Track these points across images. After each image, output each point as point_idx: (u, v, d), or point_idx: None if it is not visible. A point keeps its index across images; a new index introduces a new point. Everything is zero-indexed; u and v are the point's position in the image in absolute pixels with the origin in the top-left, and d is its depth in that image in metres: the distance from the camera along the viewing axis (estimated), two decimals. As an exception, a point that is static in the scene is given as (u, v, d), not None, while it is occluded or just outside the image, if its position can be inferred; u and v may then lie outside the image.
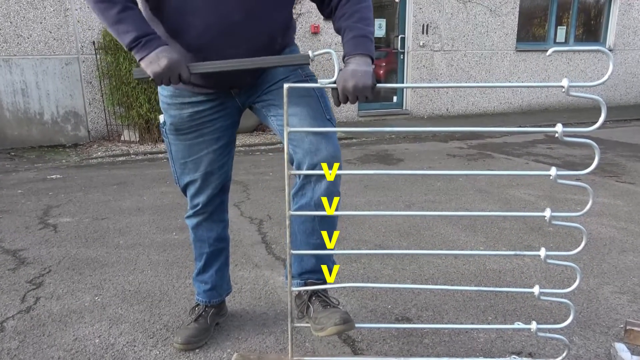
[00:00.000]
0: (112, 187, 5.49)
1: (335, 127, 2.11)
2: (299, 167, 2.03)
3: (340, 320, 2.01)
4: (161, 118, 2.26)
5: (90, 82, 8.34)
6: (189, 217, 2.45)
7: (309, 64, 1.97)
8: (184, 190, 2.38)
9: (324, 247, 2.21)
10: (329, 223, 2.20)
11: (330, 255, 2.31)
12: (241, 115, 2.30)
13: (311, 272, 2.26)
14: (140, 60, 1.84)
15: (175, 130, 2.21)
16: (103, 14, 1.86)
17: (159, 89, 2.20)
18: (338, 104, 1.90)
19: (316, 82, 2.01)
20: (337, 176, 2.09)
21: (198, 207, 2.38)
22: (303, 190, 2.11)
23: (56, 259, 3.56)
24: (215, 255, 2.52)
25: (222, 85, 2.12)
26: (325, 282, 2.28)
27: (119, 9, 1.84)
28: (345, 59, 1.93)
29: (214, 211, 2.42)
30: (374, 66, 1.89)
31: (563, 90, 1.69)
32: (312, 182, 2.08)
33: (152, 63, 1.85)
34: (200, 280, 2.55)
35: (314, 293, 2.23)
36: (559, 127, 1.73)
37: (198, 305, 2.58)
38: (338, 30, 2.00)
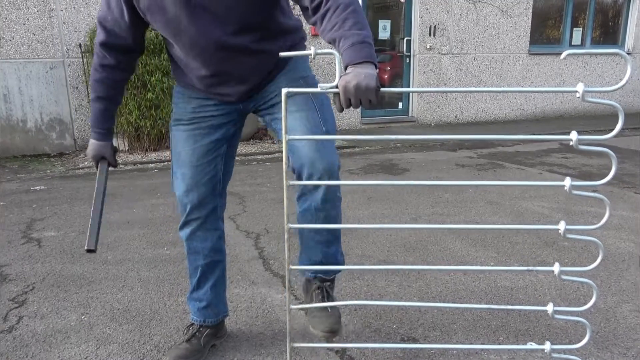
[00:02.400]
0: (99, 199, 5.49)
1: (334, 142, 2.25)
2: (297, 177, 2.17)
3: (328, 329, 2.25)
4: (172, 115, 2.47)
5: (77, 87, 8.37)
6: (181, 227, 2.48)
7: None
8: (176, 187, 2.42)
9: (330, 243, 2.40)
10: (332, 222, 2.32)
11: (338, 250, 2.46)
12: (244, 118, 2.46)
13: (321, 271, 2.46)
14: None
15: (177, 120, 2.39)
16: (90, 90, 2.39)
17: (175, 87, 2.45)
18: (341, 109, 1.89)
19: (323, 94, 2.23)
20: (337, 188, 2.27)
21: (189, 210, 2.41)
22: (304, 196, 2.27)
23: (40, 275, 3.57)
24: (211, 269, 2.53)
25: (222, 95, 2.32)
26: (333, 276, 2.52)
27: (91, 99, 2.37)
28: (346, 69, 1.89)
29: (207, 217, 2.45)
30: (377, 71, 1.90)
31: (578, 95, 1.70)
32: (311, 191, 2.23)
33: (88, 148, 2.45)
34: (195, 297, 2.57)
35: (319, 287, 2.44)
36: (573, 135, 1.74)
37: (192, 324, 2.59)
38: (332, 42, 1.98)
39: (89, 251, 2.18)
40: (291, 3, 2.25)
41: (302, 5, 2.06)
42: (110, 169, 2.50)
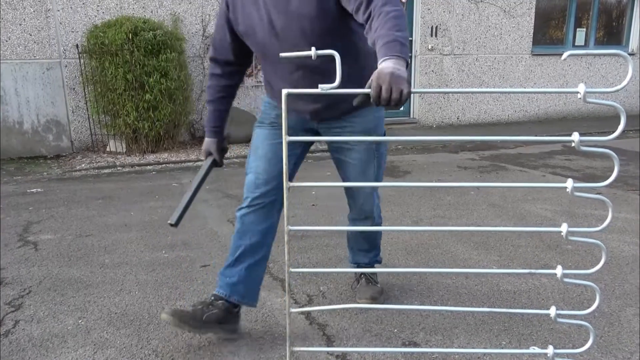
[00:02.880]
0: (97, 202, 5.51)
1: (378, 187, 2.94)
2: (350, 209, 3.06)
3: (369, 296, 3.07)
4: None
5: (74, 89, 8.38)
6: (240, 208, 2.74)
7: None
8: (248, 175, 2.74)
9: (369, 249, 3.17)
10: (370, 239, 3.13)
11: (377, 253, 3.23)
12: (314, 133, 2.79)
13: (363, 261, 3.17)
14: None
15: (260, 122, 2.78)
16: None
17: (263, 97, 2.88)
18: (371, 100, 1.88)
19: (384, 149, 2.83)
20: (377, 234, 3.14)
21: (253, 196, 2.70)
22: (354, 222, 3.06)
23: (37, 279, 3.57)
24: (252, 251, 2.70)
25: (297, 111, 2.69)
26: (372, 267, 3.21)
27: (206, 101, 2.89)
28: (380, 60, 1.97)
29: (266, 205, 2.69)
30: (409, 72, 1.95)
31: (579, 96, 1.70)
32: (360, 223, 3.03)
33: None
34: (227, 273, 2.71)
35: (363, 273, 3.17)
36: (575, 136, 1.74)
37: (217, 293, 2.71)
38: (372, 42, 2.09)
39: (171, 225, 2.45)
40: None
41: (359, 21, 2.24)
42: (107, 170, 2.55)
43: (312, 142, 3.01)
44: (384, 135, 2.81)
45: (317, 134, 2.78)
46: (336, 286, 3.36)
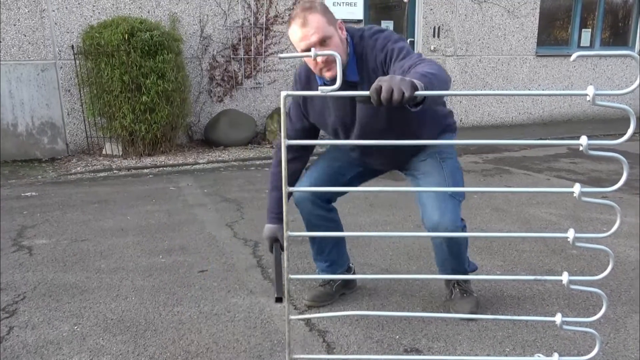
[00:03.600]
0: (92, 206, 5.52)
1: (459, 203, 2.86)
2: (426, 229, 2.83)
3: (468, 312, 2.99)
4: None
5: (69, 90, 8.40)
6: (297, 202, 3.07)
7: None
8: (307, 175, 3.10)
9: (456, 266, 3.03)
10: (456, 253, 2.99)
11: (463, 263, 3.08)
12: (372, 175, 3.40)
13: (453, 271, 3.07)
14: None
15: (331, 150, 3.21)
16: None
17: None
18: (364, 102, 1.91)
19: (455, 165, 2.98)
20: (461, 245, 3.00)
21: (298, 190, 2.87)
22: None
23: (31, 284, 3.57)
24: (325, 241, 3.19)
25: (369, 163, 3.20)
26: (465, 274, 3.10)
27: (270, 188, 3.02)
28: None
29: (322, 201, 3.09)
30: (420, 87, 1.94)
31: (588, 99, 1.69)
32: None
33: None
34: (319, 260, 3.26)
35: (456, 282, 3.14)
36: (583, 140, 1.74)
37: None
38: None
39: (278, 299, 2.36)
40: None
41: None
42: (103, 173, 2.52)
43: (368, 178, 3.40)
44: (453, 160, 2.99)
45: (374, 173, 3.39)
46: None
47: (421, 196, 2.87)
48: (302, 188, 2.86)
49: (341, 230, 3.25)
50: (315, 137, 3.03)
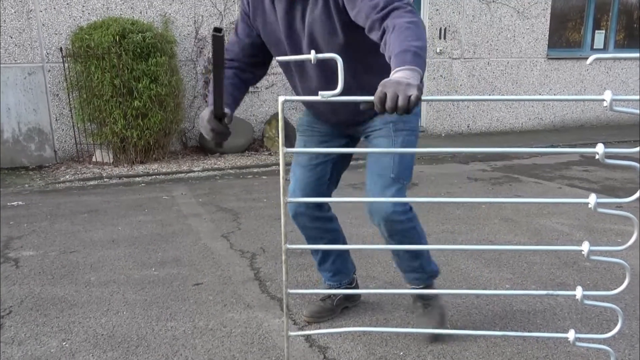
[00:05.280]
0: (82, 216, 5.52)
1: (403, 186, 2.79)
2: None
3: (432, 328, 2.91)
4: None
5: (57, 95, 8.41)
6: (293, 217, 3.02)
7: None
8: (291, 183, 3.00)
9: (413, 259, 2.91)
10: (409, 242, 2.80)
11: (423, 262, 2.96)
12: (353, 140, 3.08)
13: (414, 279, 3.00)
14: None
15: (297, 129, 3.08)
16: None
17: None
18: (368, 104, 1.89)
19: (410, 139, 2.82)
20: (404, 227, 2.78)
21: (295, 201, 2.90)
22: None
23: (18, 298, 3.58)
24: (328, 251, 3.15)
25: (333, 121, 2.94)
26: (428, 284, 3.04)
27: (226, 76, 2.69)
28: (392, 71, 1.97)
29: (312, 210, 3.00)
30: (423, 84, 1.93)
31: (605, 104, 1.68)
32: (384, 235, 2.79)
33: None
34: (323, 269, 3.23)
35: (418, 296, 3.08)
36: (600, 148, 1.73)
37: (330, 287, 3.25)
38: (388, 60, 2.09)
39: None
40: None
41: (375, 40, 2.30)
42: (93, 182, 2.53)
43: (346, 154, 3.12)
44: (417, 130, 2.89)
45: (356, 139, 3.07)
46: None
47: (366, 176, 2.78)
48: (297, 199, 2.59)
49: (342, 238, 3.23)
50: (264, 60, 2.86)
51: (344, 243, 3.27)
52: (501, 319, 3.20)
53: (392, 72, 1.95)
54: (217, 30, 1.93)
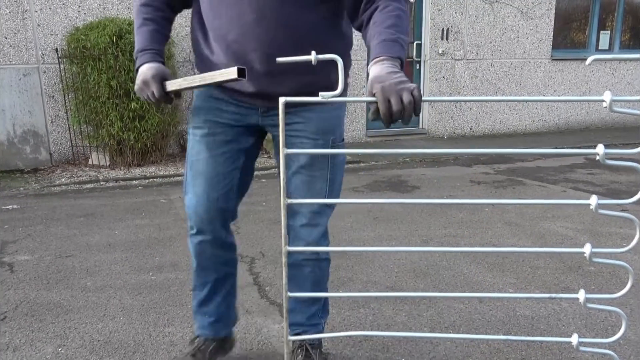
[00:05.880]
0: (78, 220, 5.53)
1: (331, 214, 2.47)
2: (295, 239, 2.45)
3: None
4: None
5: (53, 96, 8.41)
6: (190, 239, 2.56)
7: (244, 77, 1.90)
8: (187, 198, 2.47)
9: (314, 300, 2.58)
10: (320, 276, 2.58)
11: (325, 307, 2.68)
12: (262, 138, 2.54)
13: (302, 325, 2.60)
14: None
15: (192, 121, 2.44)
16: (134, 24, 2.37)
17: None
18: (376, 114, 1.78)
19: (343, 158, 2.44)
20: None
21: (198, 224, 2.47)
22: (302, 269, 2.52)
23: (12, 303, 3.58)
24: (221, 283, 2.62)
25: (254, 92, 2.29)
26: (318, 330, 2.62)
27: (138, 24, 2.35)
28: (372, 61, 1.90)
29: (218, 232, 2.50)
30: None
31: (605, 105, 1.69)
32: (313, 266, 2.51)
33: (136, 79, 2.25)
34: (203, 312, 2.64)
35: (301, 344, 2.62)
36: (600, 149, 1.74)
37: (198, 337, 2.68)
38: (368, 40, 2.03)
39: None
40: None
41: (351, 8, 2.16)
42: (90, 185, 2.51)
43: (255, 151, 2.56)
44: (343, 140, 2.46)
45: (261, 132, 2.50)
46: (338, 311, 3.37)
47: (291, 194, 2.38)
48: (297, 200, 2.04)
49: (234, 277, 2.70)
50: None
51: (235, 284, 2.73)
52: (504, 324, 3.20)
53: (376, 59, 1.88)
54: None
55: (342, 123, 2.45)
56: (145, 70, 2.21)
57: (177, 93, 2.21)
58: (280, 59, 1.75)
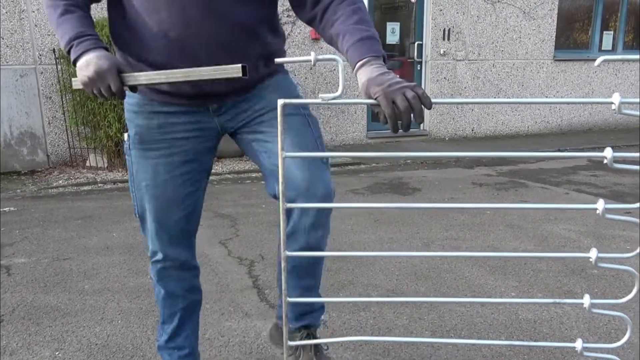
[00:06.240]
0: (75, 222, 5.53)
1: (328, 166, 2.18)
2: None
3: None
4: (125, 136, 2.26)
5: (50, 97, 8.41)
6: (152, 268, 2.40)
7: (245, 76, 1.80)
8: (143, 223, 2.33)
9: (316, 287, 2.39)
10: (321, 264, 2.37)
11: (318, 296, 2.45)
12: (219, 141, 2.32)
13: (306, 314, 2.42)
14: (75, 65, 1.91)
15: (140, 142, 2.19)
16: (50, 19, 1.98)
17: (126, 97, 2.18)
18: (385, 120, 1.68)
19: (310, 116, 2.21)
20: (329, 215, 2.21)
21: (162, 252, 2.32)
22: (295, 236, 2.16)
23: (9, 306, 3.58)
24: (190, 312, 2.49)
25: (197, 92, 2.10)
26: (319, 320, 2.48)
27: (60, 12, 1.94)
28: (356, 65, 1.82)
29: (184, 258, 2.38)
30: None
31: (613, 107, 1.68)
32: (305, 228, 2.15)
33: (81, 69, 1.89)
34: (173, 346, 2.48)
35: (311, 328, 2.44)
36: (608, 152, 1.72)
37: None
38: (333, 36, 1.96)
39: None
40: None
41: (304, 6, 2.05)
42: (87, 187, 2.43)
43: (211, 165, 2.37)
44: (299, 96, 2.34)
45: (218, 135, 2.29)
46: (339, 315, 3.37)
47: (286, 162, 2.04)
48: (297, 204, 2.01)
49: (199, 308, 2.57)
50: None
51: (198, 319, 2.58)
52: (506, 328, 3.20)
53: (363, 58, 1.80)
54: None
55: (294, 84, 2.32)
56: (97, 60, 1.87)
57: (133, 88, 1.95)
58: (279, 60, 1.70)
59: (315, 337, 2.42)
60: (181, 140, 2.17)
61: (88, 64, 1.87)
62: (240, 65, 1.79)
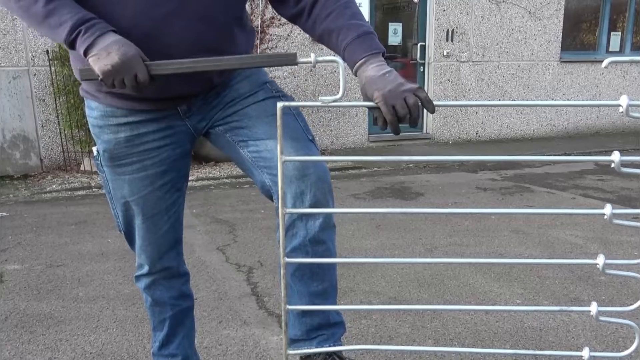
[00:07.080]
0: (69, 228, 5.53)
1: (317, 147, 2.12)
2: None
3: None
4: (94, 149, 2.15)
5: (44, 100, 8.41)
6: (139, 279, 2.37)
7: (295, 64, 1.70)
8: (129, 239, 2.29)
9: (328, 293, 2.18)
10: (330, 266, 2.18)
11: (335, 302, 2.26)
12: (194, 144, 2.22)
13: (323, 327, 2.21)
14: (86, 55, 1.72)
15: (111, 159, 2.09)
16: (28, 12, 1.76)
17: (86, 109, 2.12)
18: (384, 125, 1.68)
19: (290, 100, 2.06)
20: (328, 196, 2.05)
21: (149, 264, 2.29)
22: (294, 229, 2.06)
23: (2, 314, 3.58)
24: (180, 319, 2.46)
25: (165, 95, 1.99)
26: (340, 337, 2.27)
27: (44, 1, 1.72)
28: (355, 65, 1.80)
29: (170, 267, 2.36)
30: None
31: (621, 110, 1.67)
32: (304, 217, 2.04)
33: (100, 58, 1.70)
34: (166, 354, 2.46)
35: (328, 355, 2.20)
36: (615, 156, 1.71)
37: None
38: (325, 33, 1.91)
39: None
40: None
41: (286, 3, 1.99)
42: (82, 191, 2.41)
43: (189, 169, 2.30)
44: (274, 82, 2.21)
45: (192, 137, 2.18)
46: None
47: (267, 145, 2.02)
48: (297, 210, 1.96)
49: (191, 313, 2.55)
50: None
51: (194, 324, 2.59)
52: (512, 337, 3.20)
53: (365, 56, 1.77)
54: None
55: (262, 69, 2.18)
56: (118, 46, 1.70)
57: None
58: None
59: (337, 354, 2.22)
60: (154, 151, 2.07)
61: (109, 51, 1.69)
62: (295, 52, 1.76)
